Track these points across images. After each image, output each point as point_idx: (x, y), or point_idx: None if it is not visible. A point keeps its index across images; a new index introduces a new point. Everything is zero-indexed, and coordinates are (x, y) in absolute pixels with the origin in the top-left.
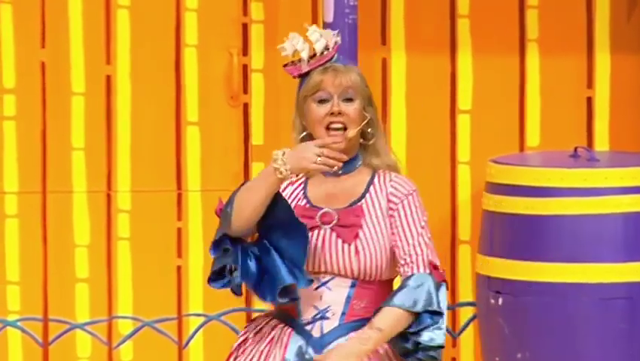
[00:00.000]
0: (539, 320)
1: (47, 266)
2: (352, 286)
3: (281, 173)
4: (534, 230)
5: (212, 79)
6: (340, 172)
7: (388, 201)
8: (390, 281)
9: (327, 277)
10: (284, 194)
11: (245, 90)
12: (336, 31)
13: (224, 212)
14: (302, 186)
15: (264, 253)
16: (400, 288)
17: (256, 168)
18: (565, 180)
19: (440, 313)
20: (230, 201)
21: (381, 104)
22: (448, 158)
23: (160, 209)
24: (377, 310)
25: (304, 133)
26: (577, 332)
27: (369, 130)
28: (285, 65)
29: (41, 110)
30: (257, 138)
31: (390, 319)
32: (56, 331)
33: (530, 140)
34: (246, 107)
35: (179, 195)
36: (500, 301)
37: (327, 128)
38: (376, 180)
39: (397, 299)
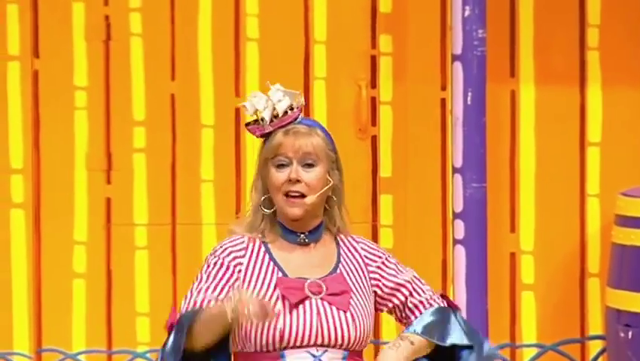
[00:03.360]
0: None
1: (177, 298)
2: (344, 357)
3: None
4: None
5: (341, 111)
6: (307, 240)
7: (366, 264)
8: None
9: (321, 351)
10: (236, 264)
11: (374, 123)
12: (299, 92)
13: (173, 336)
14: (265, 255)
15: None
16: (427, 320)
17: (384, 200)
18: None
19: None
20: (181, 329)
21: (510, 136)
22: (577, 191)
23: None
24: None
25: (265, 196)
26: None
27: (333, 196)
28: (247, 124)
29: (170, 142)
30: (385, 170)
31: (420, 339)
32: None
33: None
34: (374, 139)
35: None
36: (630, 334)
37: (286, 195)
38: (342, 244)
39: (427, 330)
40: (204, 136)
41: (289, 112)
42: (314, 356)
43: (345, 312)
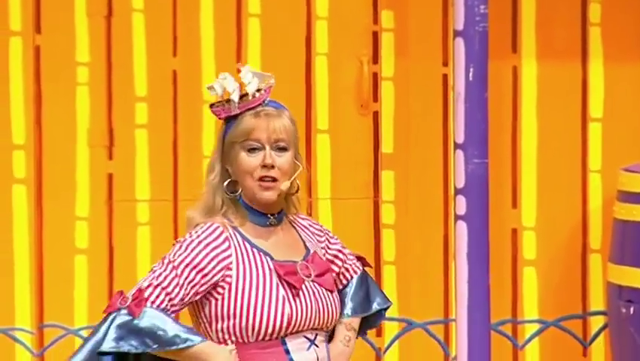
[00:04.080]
0: None
1: None
2: (326, 339)
3: None
4: None
5: (342, 87)
6: (275, 222)
7: (319, 241)
8: None
9: (314, 334)
10: (223, 266)
11: (375, 98)
12: (270, 74)
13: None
14: (245, 242)
15: None
16: (355, 300)
17: (386, 176)
18: None
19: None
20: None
21: (512, 112)
22: (579, 166)
23: None
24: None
25: (229, 180)
26: None
27: (297, 181)
28: (212, 106)
29: (172, 118)
30: (387, 146)
31: (357, 320)
32: None
33: None
34: (376, 115)
35: (309, 203)
36: (631, 310)
37: (259, 179)
38: (296, 226)
39: (355, 308)
40: (206, 112)
41: (257, 94)
42: (309, 340)
43: (332, 292)
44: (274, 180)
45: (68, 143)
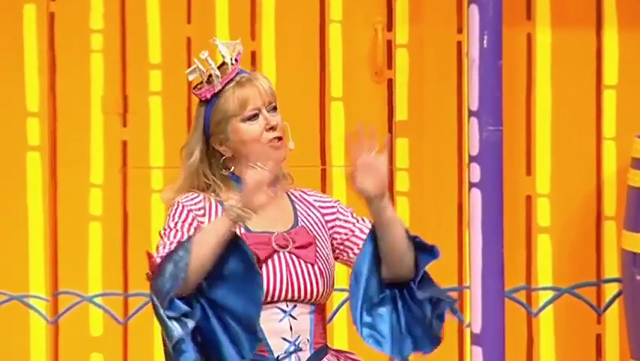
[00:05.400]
0: None
1: None
2: (312, 311)
3: (242, 220)
4: None
5: (357, 55)
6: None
7: (323, 215)
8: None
9: (290, 306)
10: (198, 222)
11: (390, 66)
12: (238, 40)
13: (168, 265)
14: (222, 210)
15: (203, 322)
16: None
17: (400, 143)
18: None
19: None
20: (185, 249)
21: (526, 79)
22: (593, 134)
23: (305, 185)
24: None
25: (224, 157)
26: None
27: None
28: (194, 88)
29: (186, 85)
30: (401, 113)
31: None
32: None
33: None
34: (390, 82)
35: (323, 171)
36: None
37: (269, 142)
38: (294, 199)
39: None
40: None
41: (233, 63)
42: (284, 311)
43: (312, 265)
44: (279, 139)
45: (83, 110)
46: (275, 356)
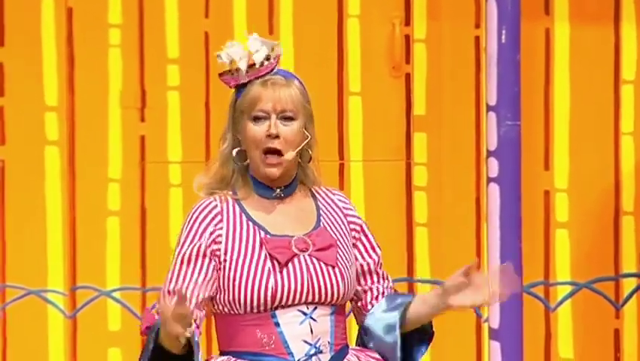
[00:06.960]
0: None
1: None
2: (332, 313)
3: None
4: None
5: (374, 49)
6: (282, 195)
7: (349, 222)
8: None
9: (311, 308)
10: (215, 237)
11: (408, 60)
12: (277, 42)
13: (149, 337)
14: (242, 216)
15: None
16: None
17: (418, 138)
18: None
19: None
20: (152, 339)
21: (544, 74)
22: (612, 129)
23: (322, 179)
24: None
25: (238, 148)
26: None
27: (308, 150)
28: (221, 74)
29: (204, 79)
30: (419, 108)
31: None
32: None
33: None
34: (408, 77)
35: (341, 166)
36: None
37: (264, 153)
38: (318, 197)
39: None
40: None
41: (265, 63)
42: (305, 313)
43: (333, 267)
44: (279, 155)
45: (101, 105)
46: (297, 359)
